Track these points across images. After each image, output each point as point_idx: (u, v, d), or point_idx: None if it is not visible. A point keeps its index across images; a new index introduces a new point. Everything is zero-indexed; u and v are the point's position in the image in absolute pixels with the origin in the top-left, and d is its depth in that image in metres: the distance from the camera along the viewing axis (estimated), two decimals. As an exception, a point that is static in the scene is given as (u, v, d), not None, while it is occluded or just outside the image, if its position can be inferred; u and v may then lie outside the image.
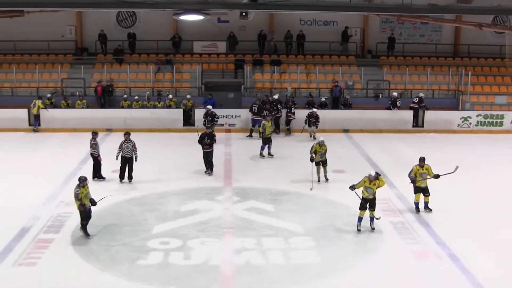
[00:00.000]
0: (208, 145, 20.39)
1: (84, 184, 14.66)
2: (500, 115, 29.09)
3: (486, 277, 12.91)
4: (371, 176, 15.23)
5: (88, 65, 32.66)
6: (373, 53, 35.16)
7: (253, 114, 27.14)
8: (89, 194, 14.84)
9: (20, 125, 27.90)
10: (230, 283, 12.71)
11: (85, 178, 14.81)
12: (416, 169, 16.64)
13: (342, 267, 13.53)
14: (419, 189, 16.75)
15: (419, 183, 16.63)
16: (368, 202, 15.39)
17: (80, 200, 14.53)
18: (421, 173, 16.58)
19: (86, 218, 14.83)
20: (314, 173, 19.40)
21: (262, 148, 23.27)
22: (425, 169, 16.62)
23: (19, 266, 13.33)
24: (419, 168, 16.62)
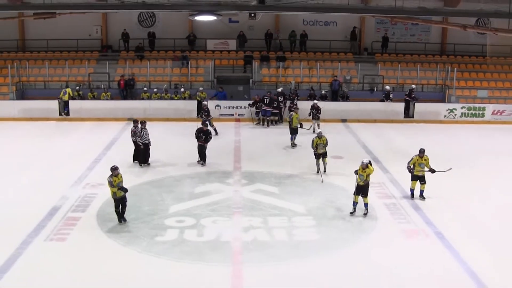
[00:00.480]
0: (203, 141, 19.72)
1: (116, 173, 14.14)
2: (482, 107, 28.93)
3: (470, 254, 12.85)
4: (363, 163, 15.05)
5: (112, 61, 32.61)
6: (369, 51, 35.03)
7: (264, 105, 27.10)
8: (122, 183, 14.26)
9: (52, 115, 27.88)
10: (239, 258, 12.65)
11: (116, 167, 14.28)
12: (416, 159, 16.32)
13: (340, 244, 13.46)
14: (416, 177, 16.42)
15: (416, 172, 16.32)
16: (359, 189, 15.17)
17: (115, 187, 14.09)
18: (420, 163, 16.27)
19: (119, 205, 14.30)
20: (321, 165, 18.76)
21: (291, 139, 22.78)
22: (423, 160, 16.31)
23: (50, 241, 13.34)
24: (419, 158, 16.30)
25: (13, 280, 11.40)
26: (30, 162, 19.87)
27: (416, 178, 16.46)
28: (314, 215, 15.18)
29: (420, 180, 16.46)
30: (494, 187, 17.69)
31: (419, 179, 16.46)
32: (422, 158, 16.35)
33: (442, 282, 11.57)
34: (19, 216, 14.79)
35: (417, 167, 16.29)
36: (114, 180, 14.07)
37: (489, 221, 14.94)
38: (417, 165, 16.30)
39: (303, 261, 12.57)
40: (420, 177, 16.44)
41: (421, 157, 16.34)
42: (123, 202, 14.33)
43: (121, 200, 14.27)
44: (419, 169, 16.29)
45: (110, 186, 14.12)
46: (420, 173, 16.35)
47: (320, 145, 18.45)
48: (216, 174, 18.78)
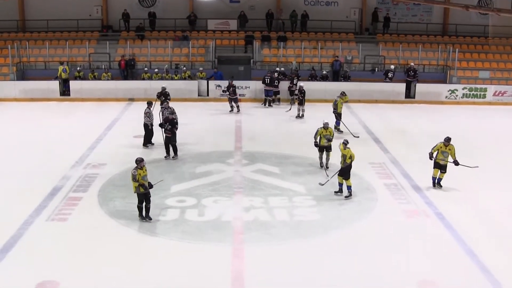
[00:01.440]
0: (169, 131, 18.08)
1: (141, 165, 13.12)
2: (484, 88, 28.86)
3: (470, 233, 12.90)
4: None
5: (113, 41, 32.47)
6: (370, 31, 34.88)
7: (266, 85, 27.08)
8: (146, 176, 13.29)
9: (52, 95, 27.87)
10: (240, 237, 12.68)
11: (142, 159, 13.27)
12: (440, 146, 15.59)
13: (340, 224, 13.49)
14: (437, 165, 15.66)
15: (438, 160, 15.59)
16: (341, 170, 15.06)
17: (137, 182, 13.06)
18: (443, 151, 15.52)
19: (142, 201, 13.27)
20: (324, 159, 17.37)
21: (337, 124, 22.04)
22: (448, 149, 15.49)
23: (52, 221, 13.37)
24: (443, 146, 15.52)
25: (15, 260, 11.43)
26: (31, 142, 19.87)
27: (438, 166, 15.72)
28: (314, 195, 15.19)
29: (441, 169, 15.71)
30: (495, 169, 17.67)
31: (440, 168, 15.73)
32: (447, 147, 15.53)
33: (442, 262, 11.60)
34: (21, 196, 14.84)
35: (439, 155, 15.58)
36: (139, 174, 13.03)
37: (490, 202, 14.94)
38: (440, 153, 15.58)
39: (304, 240, 12.61)
40: (442, 166, 15.69)
41: (446, 145, 15.54)
42: (147, 198, 13.32)
43: (144, 195, 13.26)
44: (441, 157, 15.57)
45: (133, 180, 13.08)
46: (442, 162, 15.60)
47: (326, 137, 16.94)
48: (217, 154, 18.77)
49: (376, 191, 15.58)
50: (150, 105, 19.63)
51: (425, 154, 16.03)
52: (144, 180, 13.15)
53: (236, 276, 11.03)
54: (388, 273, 11.15)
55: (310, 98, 27.77)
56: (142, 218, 13.36)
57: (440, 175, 15.78)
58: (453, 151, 15.52)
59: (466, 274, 11.17)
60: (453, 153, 15.51)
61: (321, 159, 17.34)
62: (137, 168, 13.11)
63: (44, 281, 10.53)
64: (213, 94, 28.31)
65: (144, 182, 13.15)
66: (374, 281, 10.83)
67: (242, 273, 11.14)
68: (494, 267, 11.31)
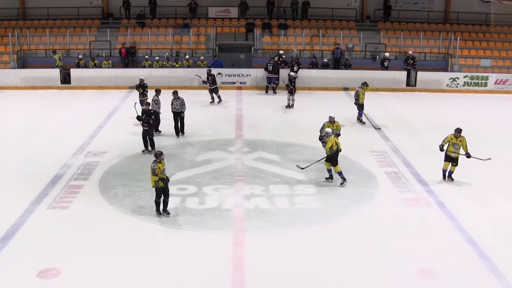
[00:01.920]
0: (146, 123, 17.40)
1: (160, 159, 12.71)
2: (485, 77, 28.77)
3: (471, 221, 12.89)
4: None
5: (113, 29, 32.37)
6: (371, 19, 34.78)
7: (268, 73, 27.11)
8: (164, 170, 12.92)
9: (53, 83, 27.82)
10: (241, 225, 12.69)
11: (161, 153, 12.88)
12: (450, 137, 15.08)
13: (341, 212, 13.50)
14: (448, 157, 15.17)
15: (449, 152, 15.10)
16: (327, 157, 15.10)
17: (157, 176, 12.65)
18: (454, 143, 15.03)
19: (160, 195, 12.91)
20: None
21: (360, 115, 21.69)
22: (458, 141, 14.99)
23: (53, 209, 13.38)
24: (453, 137, 15.02)
25: (16, 248, 11.44)
26: (32, 130, 19.85)
27: (449, 159, 15.22)
28: (315, 183, 15.19)
29: (453, 161, 15.20)
30: (496, 157, 17.63)
31: (451, 160, 15.23)
32: (458, 139, 15.02)
33: (443, 250, 11.62)
34: (22, 184, 14.86)
35: (450, 147, 15.08)
36: (158, 167, 12.62)
37: (491, 190, 14.93)
38: (451, 145, 15.08)
39: (304, 228, 12.61)
40: (453, 159, 15.18)
41: (456, 137, 15.03)
42: (165, 192, 12.97)
43: (163, 190, 12.91)
44: (452, 149, 15.06)
45: (153, 174, 12.67)
46: (453, 154, 15.09)
47: (334, 131, 15.76)
48: (218, 142, 18.76)
49: (376, 179, 15.57)
50: (158, 92, 19.58)
51: (426, 142, 16.06)
52: (163, 174, 12.78)
53: (236, 264, 11.05)
54: (388, 261, 11.16)
55: (311, 86, 27.86)
56: (159, 213, 13.01)
57: (451, 167, 15.30)
58: (464, 143, 15.04)
59: (467, 262, 11.17)
60: (464, 145, 15.03)
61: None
62: (156, 161, 12.68)
63: (46, 268, 10.54)
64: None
65: (164, 176, 12.81)
66: (374, 269, 10.84)
67: (242, 261, 11.16)
68: (494, 255, 11.31)
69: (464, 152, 15.06)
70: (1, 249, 11.33)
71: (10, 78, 27.99)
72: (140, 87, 21.69)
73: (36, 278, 10.27)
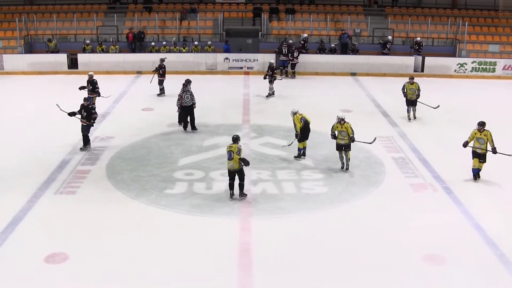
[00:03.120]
0: (85, 118, 16.36)
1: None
2: (493, 62, 28.58)
3: (478, 207, 12.83)
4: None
5: (121, 14, 32.37)
6: (379, 4, 34.57)
7: (283, 55, 27.45)
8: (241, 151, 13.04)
9: (60, 68, 27.82)
10: (248, 210, 12.66)
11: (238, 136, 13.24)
12: (474, 132, 14.07)
13: (347, 197, 13.45)
14: (476, 154, 14.11)
15: (475, 148, 14.05)
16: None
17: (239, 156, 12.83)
18: (478, 138, 13.95)
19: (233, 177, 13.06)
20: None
21: (408, 111, 20.04)
22: (483, 135, 13.89)
23: (60, 194, 13.39)
24: (477, 132, 13.98)
25: (24, 233, 11.47)
26: (39, 115, 19.86)
27: (477, 155, 14.11)
28: (322, 168, 15.14)
29: (480, 158, 14.09)
30: (504, 143, 17.51)
31: (479, 157, 14.11)
32: (482, 133, 13.95)
33: (449, 236, 11.56)
34: (30, 169, 14.88)
35: (476, 143, 14.02)
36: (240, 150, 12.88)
37: (498, 175, 14.83)
38: (476, 141, 14.03)
39: (311, 213, 12.58)
40: (480, 155, 14.05)
41: (480, 131, 13.98)
42: (241, 176, 13.11)
43: (239, 171, 13.04)
44: (477, 145, 13.99)
45: (238, 154, 12.84)
46: (479, 150, 14.00)
47: (342, 134, 14.81)
48: (225, 127, 18.70)
49: (384, 165, 15.49)
50: (188, 83, 18.63)
51: (433, 128, 15.94)
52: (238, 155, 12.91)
53: (243, 248, 11.03)
54: (395, 246, 11.12)
55: (319, 71, 27.81)
56: (232, 195, 13.12)
57: (479, 165, 14.21)
58: (489, 137, 13.91)
59: (473, 248, 11.12)
60: (490, 139, 13.90)
61: (341, 159, 15.07)
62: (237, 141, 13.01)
63: (53, 253, 10.56)
64: (221, 67, 28.15)
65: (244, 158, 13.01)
66: (380, 255, 10.81)
67: (249, 246, 11.13)
68: (500, 241, 11.25)
69: (491, 148, 13.97)
70: (9, 234, 11.34)
71: (17, 63, 28.02)
72: (89, 83, 20.16)
73: (43, 262, 10.29)
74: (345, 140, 14.73)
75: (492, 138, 13.95)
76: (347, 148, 14.85)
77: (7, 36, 30.10)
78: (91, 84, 20.09)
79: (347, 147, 14.84)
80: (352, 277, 10.10)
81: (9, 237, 11.21)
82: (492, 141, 13.94)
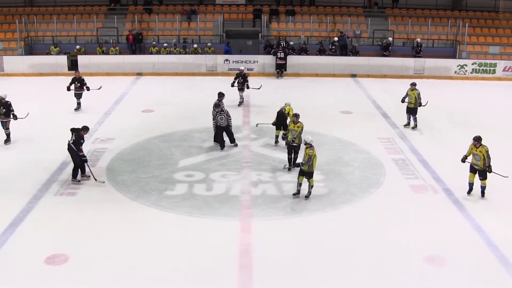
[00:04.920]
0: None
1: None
2: (493, 64, 28.56)
3: (478, 208, 12.88)
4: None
5: (121, 15, 32.33)
6: (379, 5, 34.58)
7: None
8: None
9: (60, 70, 27.78)
10: (248, 212, 12.68)
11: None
12: (471, 148, 13.44)
13: (348, 199, 13.46)
14: (472, 169, 13.47)
15: (472, 163, 13.41)
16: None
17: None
18: (474, 154, 13.31)
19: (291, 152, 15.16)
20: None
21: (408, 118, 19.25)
22: (478, 151, 13.19)
23: (60, 196, 13.40)
24: (473, 147, 13.34)
25: (24, 234, 11.48)
26: (39, 117, 19.83)
27: (473, 171, 13.46)
28: (322, 169, 15.11)
29: (479, 174, 13.37)
30: (504, 144, 17.53)
31: (475, 172, 13.43)
32: (478, 148, 13.25)
33: (449, 237, 11.58)
34: (30, 170, 14.88)
35: (473, 159, 13.40)
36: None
37: (500, 178, 14.82)
38: (473, 156, 13.42)
39: (311, 214, 12.61)
40: (479, 171, 13.33)
41: (476, 146, 13.30)
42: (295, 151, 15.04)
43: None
44: (474, 161, 13.36)
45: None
46: (477, 166, 13.33)
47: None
48: (225, 129, 18.72)
49: (384, 166, 15.51)
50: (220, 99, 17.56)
51: (434, 129, 15.96)
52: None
53: (244, 250, 11.04)
54: (395, 247, 11.14)
55: (319, 73, 27.80)
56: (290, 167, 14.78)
57: (481, 182, 13.39)
58: (484, 154, 13.14)
59: (473, 249, 11.14)
60: (485, 156, 13.12)
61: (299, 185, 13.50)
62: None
63: (53, 254, 10.57)
64: (221, 69, 28.16)
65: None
66: (380, 256, 10.82)
67: (250, 247, 11.15)
68: (500, 242, 11.28)
69: (487, 165, 13.16)
70: (9, 235, 11.36)
71: (17, 65, 28.01)
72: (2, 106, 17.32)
73: (44, 264, 10.31)
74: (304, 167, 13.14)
75: (488, 155, 13.15)
76: (308, 175, 13.27)
77: (7, 38, 30.12)
78: (4, 107, 17.30)
79: (308, 174, 13.25)
80: (352, 278, 10.12)
81: (10, 239, 11.23)
82: (487, 157, 13.12)
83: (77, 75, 21.16)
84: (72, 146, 13.94)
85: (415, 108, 18.87)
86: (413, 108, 18.89)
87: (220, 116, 16.39)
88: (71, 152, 14.08)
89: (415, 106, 18.82)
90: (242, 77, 22.00)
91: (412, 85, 19.14)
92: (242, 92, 22.07)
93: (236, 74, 22.33)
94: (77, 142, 13.94)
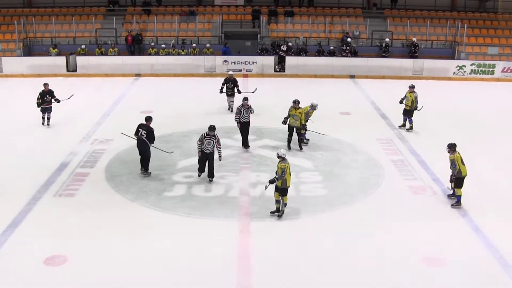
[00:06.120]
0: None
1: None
2: (492, 65, 28.63)
3: (477, 209, 12.85)
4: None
5: (119, 16, 32.34)
6: (378, 6, 34.62)
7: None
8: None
9: (59, 71, 27.79)
10: (247, 212, 12.68)
11: None
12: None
13: (346, 200, 13.45)
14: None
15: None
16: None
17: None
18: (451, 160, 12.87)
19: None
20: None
21: (404, 120, 19.22)
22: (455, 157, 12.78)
23: (59, 197, 13.39)
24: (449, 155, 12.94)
25: (23, 235, 11.47)
26: (38, 118, 19.84)
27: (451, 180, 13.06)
28: (321, 170, 15.16)
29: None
30: (503, 145, 17.56)
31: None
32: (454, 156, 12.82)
33: (449, 238, 11.59)
34: (29, 171, 14.86)
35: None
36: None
37: (498, 178, 14.86)
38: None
39: (311, 216, 12.59)
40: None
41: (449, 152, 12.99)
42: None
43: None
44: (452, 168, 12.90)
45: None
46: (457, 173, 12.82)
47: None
48: (224, 129, 18.62)
49: (383, 167, 15.52)
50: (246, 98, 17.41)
51: (432, 130, 15.94)
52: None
53: (242, 251, 11.05)
54: (394, 249, 11.13)
55: (318, 74, 27.80)
56: None
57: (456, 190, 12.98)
58: (457, 159, 12.75)
59: (473, 251, 11.14)
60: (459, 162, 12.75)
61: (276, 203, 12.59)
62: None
63: (52, 255, 10.57)
64: (220, 70, 28.17)
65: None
66: (379, 257, 10.83)
67: (248, 248, 11.16)
68: (500, 243, 11.29)
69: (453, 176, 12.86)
70: (8, 236, 11.35)
71: (16, 66, 28.00)
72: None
73: (43, 265, 10.30)
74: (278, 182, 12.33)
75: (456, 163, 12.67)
76: (281, 193, 12.43)
77: (6, 39, 30.13)
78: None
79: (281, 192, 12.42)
80: (351, 279, 10.11)
81: (8, 240, 11.22)
82: (460, 163, 12.73)
83: (46, 88, 19.14)
84: (145, 141, 14.46)
85: (411, 110, 18.84)
86: (409, 110, 18.85)
87: (208, 141, 14.34)
88: (142, 147, 14.53)
89: (411, 108, 18.81)
90: (232, 82, 21.20)
91: (411, 88, 19.12)
92: (232, 98, 21.30)
93: (225, 79, 21.35)
94: (151, 134, 14.57)
